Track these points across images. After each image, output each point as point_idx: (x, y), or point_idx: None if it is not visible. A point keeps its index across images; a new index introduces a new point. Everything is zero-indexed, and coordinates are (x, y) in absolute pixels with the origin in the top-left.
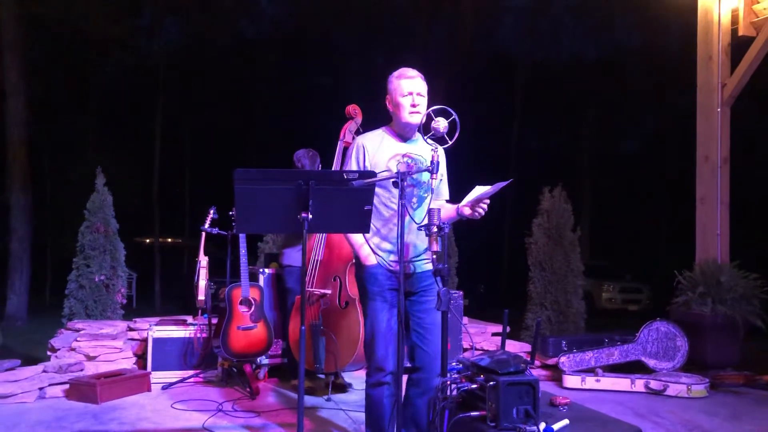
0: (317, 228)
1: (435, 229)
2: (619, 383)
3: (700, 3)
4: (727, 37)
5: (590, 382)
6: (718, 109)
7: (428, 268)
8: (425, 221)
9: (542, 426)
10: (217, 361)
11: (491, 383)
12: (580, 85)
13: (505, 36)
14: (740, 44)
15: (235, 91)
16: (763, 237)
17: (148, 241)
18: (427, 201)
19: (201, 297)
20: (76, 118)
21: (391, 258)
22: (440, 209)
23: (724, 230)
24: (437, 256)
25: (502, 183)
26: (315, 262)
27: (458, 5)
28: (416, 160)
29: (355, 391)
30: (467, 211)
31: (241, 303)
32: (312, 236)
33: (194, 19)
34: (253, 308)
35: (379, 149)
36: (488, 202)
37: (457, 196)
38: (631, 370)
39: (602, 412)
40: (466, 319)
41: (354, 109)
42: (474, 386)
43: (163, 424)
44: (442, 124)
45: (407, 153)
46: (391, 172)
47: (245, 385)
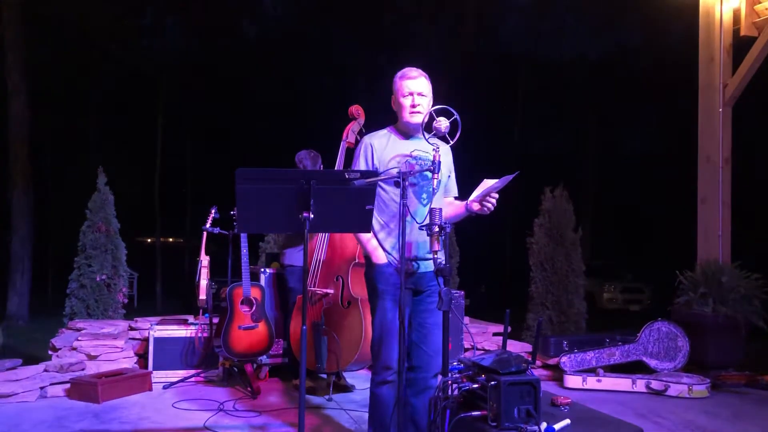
0: (318, 228)
1: (436, 229)
2: (621, 383)
3: (701, 3)
4: (729, 38)
5: (591, 382)
6: (720, 110)
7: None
8: (427, 220)
9: (543, 426)
10: (218, 361)
11: (492, 383)
12: (583, 85)
13: (507, 36)
14: (742, 44)
15: (236, 90)
16: (765, 237)
17: (149, 240)
18: (437, 197)
19: (202, 296)
20: (78, 117)
21: (397, 254)
22: (441, 209)
23: (725, 231)
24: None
25: (509, 176)
26: (317, 262)
27: (460, 6)
28: (423, 159)
29: (357, 391)
30: (476, 206)
31: (243, 302)
32: (314, 236)
33: (196, 19)
34: (254, 308)
35: (386, 148)
36: (497, 196)
37: (462, 197)
38: (633, 371)
39: (603, 412)
40: (467, 319)
41: (357, 110)
42: (475, 386)
43: (165, 424)
44: (444, 124)
45: (413, 151)
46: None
47: (246, 385)
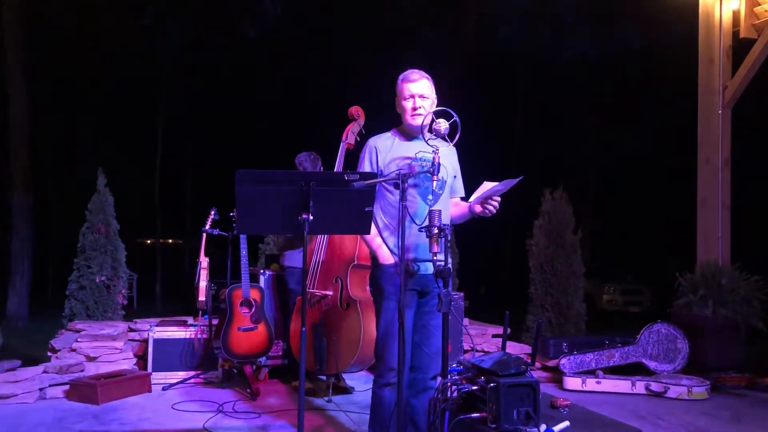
0: (318, 229)
1: (435, 231)
2: (620, 385)
3: (701, 5)
4: (729, 40)
5: (591, 384)
6: (720, 112)
7: None
8: (426, 222)
9: (543, 428)
10: (217, 362)
11: (492, 385)
12: (583, 86)
13: (507, 37)
14: (741, 46)
15: (236, 92)
16: (765, 239)
17: (149, 241)
18: (442, 199)
19: (202, 298)
20: (78, 118)
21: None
22: (441, 210)
23: (725, 232)
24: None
25: (513, 180)
26: (316, 263)
27: (460, 7)
28: (427, 161)
29: (357, 393)
30: (478, 209)
31: (242, 304)
32: (313, 237)
33: (196, 21)
34: (253, 309)
35: (391, 150)
36: (499, 199)
37: (466, 198)
38: (632, 372)
39: (603, 414)
40: (466, 321)
41: (357, 111)
42: (474, 388)
43: (164, 425)
44: (443, 126)
45: (417, 153)
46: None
47: (246, 386)
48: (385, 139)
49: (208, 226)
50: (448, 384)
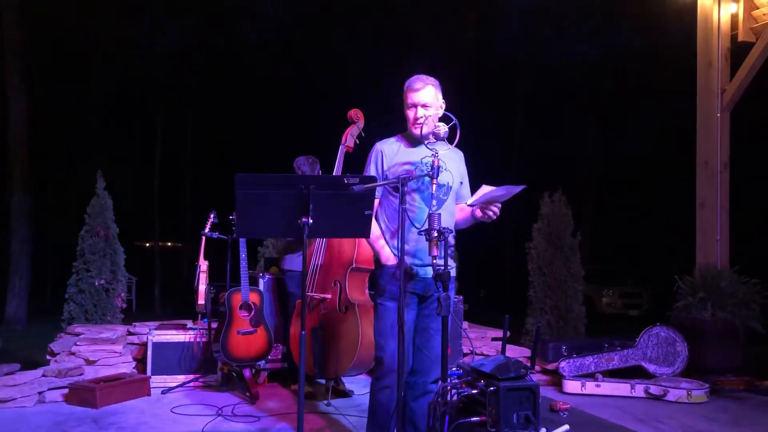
0: (318, 233)
1: (435, 234)
2: (619, 388)
3: (699, 9)
4: (727, 43)
5: (590, 387)
6: (718, 115)
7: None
8: (426, 225)
9: (543, 431)
10: (216, 366)
11: (491, 388)
12: (583, 89)
13: (507, 39)
14: (740, 50)
15: (236, 95)
16: (764, 242)
17: (148, 245)
18: (447, 203)
19: (201, 301)
20: (77, 121)
21: (406, 259)
22: (440, 214)
23: (723, 235)
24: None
25: (516, 188)
26: (315, 267)
27: (460, 9)
28: (430, 165)
29: (356, 397)
30: (478, 213)
31: (241, 307)
32: (313, 241)
33: (196, 23)
34: (252, 313)
35: (397, 155)
36: (500, 205)
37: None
38: (631, 376)
39: (602, 417)
40: (466, 324)
41: (356, 114)
42: (474, 391)
43: (163, 429)
44: (443, 130)
45: (423, 158)
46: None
47: (245, 390)
48: (391, 144)
49: (207, 230)
50: (448, 387)
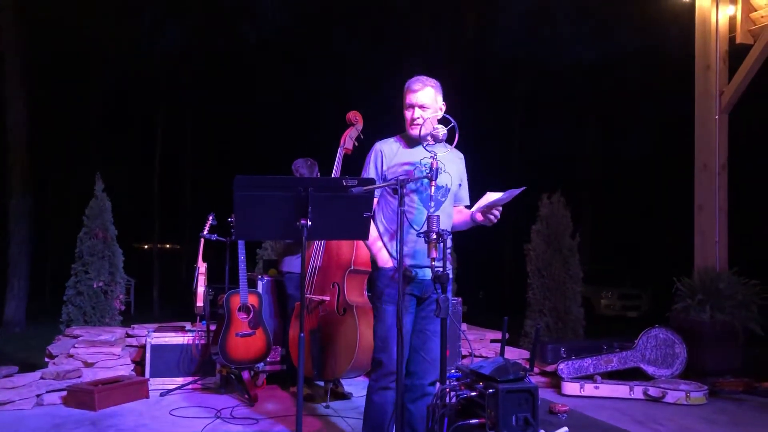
0: (316, 235)
1: (434, 236)
2: (618, 390)
3: (697, 11)
4: (725, 45)
5: (589, 389)
6: (716, 117)
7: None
8: (425, 227)
9: None
10: (215, 368)
11: (490, 390)
12: (582, 90)
13: (506, 40)
14: (738, 52)
15: (235, 97)
16: (762, 243)
17: (146, 247)
18: (445, 205)
19: (200, 303)
20: (76, 122)
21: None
22: (439, 216)
23: (722, 237)
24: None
25: (516, 190)
26: (314, 269)
27: (460, 10)
28: (428, 166)
29: (355, 399)
30: (479, 217)
31: (240, 309)
32: (311, 243)
33: (195, 23)
34: (251, 315)
35: (396, 155)
36: (500, 209)
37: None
38: (630, 377)
39: (601, 419)
40: (465, 326)
41: (355, 116)
42: (473, 393)
43: (162, 431)
44: (441, 132)
45: (422, 160)
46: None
47: (244, 392)
48: (390, 144)
49: (206, 232)
50: (447, 390)
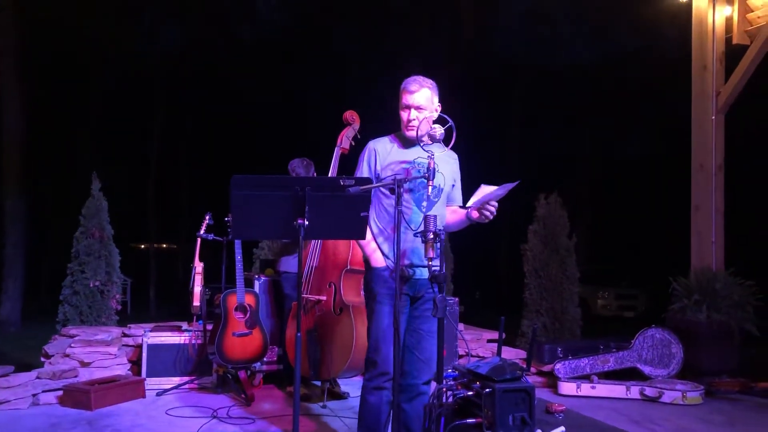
0: (313, 234)
1: (431, 236)
2: (615, 390)
3: (694, 12)
4: (722, 46)
5: (585, 389)
6: (713, 117)
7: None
8: (422, 227)
9: None
10: (212, 368)
11: (487, 390)
12: (579, 90)
13: (504, 41)
14: (734, 52)
15: (232, 97)
16: (758, 244)
17: (143, 246)
18: (437, 205)
19: (196, 303)
20: (72, 122)
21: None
22: (436, 216)
23: (718, 238)
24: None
25: (510, 184)
26: (310, 268)
27: (458, 10)
28: (425, 166)
29: (352, 399)
30: (475, 215)
31: (237, 309)
32: (308, 243)
33: (192, 24)
34: (248, 314)
35: (390, 154)
36: (496, 204)
37: (463, 203)
38: (627, 377)
39: (598, 419)
40: (461, 326)
41: (351, 116)
42: (470, 393)
43: (158, 431)
44: (438, 132)
45: (417, 158)
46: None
47: (240, 392)
48: (384, 143)
49: (202, 231)
50: (444, 389)
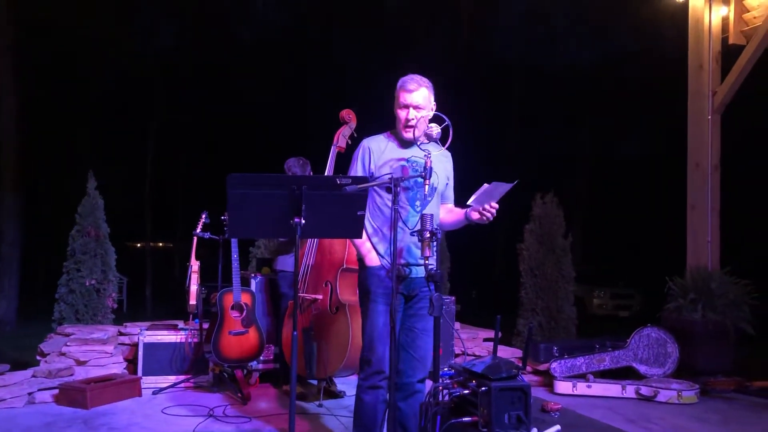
0: (310, 233)
1: (428, 235)
2: (610, 389)
3: (691, 12)
4: (718, 46)
5: (581, 388)
6: (709, 117)
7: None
8: (418, 226)
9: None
10: (208, 366)
11: (483, 388)
12: (576, 90)
13: (502, 41)
14: (731, 52)
15: (229, 95)
16: (754, 243)
17: (139, 245)
18: (431, 204)
19: (192, 302)
20: (69, 121)
21: (389, 258)
22: (433, 215)
23: (714, 237)
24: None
25: (509, 184)
26: (307, 267)
27: (456, 12)
28: (420, 164)
29: (348, 398)
30: (475, 215)
31: (233, 308)
32: (304, 241)
33: (190, 23)
34: (244, 313)
35: (384, 152)
36: (496, 206)
37: (458, 202)
38: (622, 376)
39: (593, 418)
40: (457, 325)
41: (348, 114)
42: (466, 392)
43: (154, 430)
44: (435, 131)
45: (411, 157)
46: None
47: (236, 391)
48: (379, 141)
49: (199, 230)
50: (440, 388)
